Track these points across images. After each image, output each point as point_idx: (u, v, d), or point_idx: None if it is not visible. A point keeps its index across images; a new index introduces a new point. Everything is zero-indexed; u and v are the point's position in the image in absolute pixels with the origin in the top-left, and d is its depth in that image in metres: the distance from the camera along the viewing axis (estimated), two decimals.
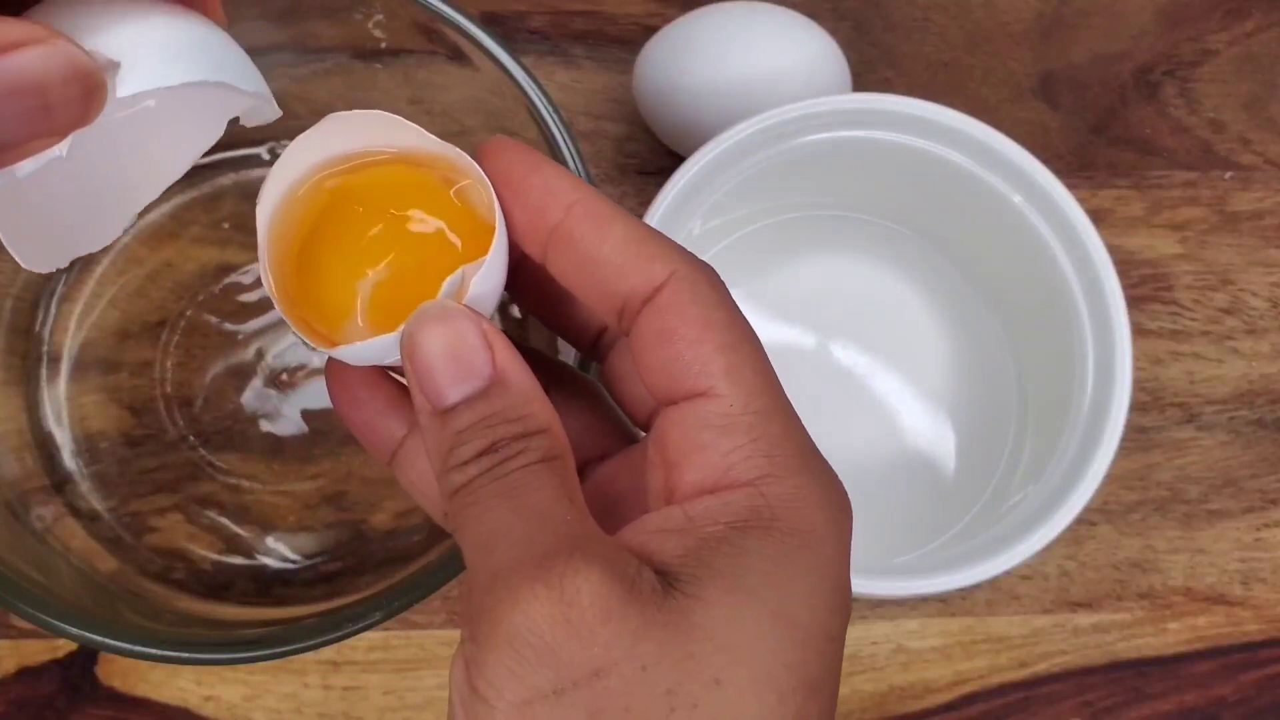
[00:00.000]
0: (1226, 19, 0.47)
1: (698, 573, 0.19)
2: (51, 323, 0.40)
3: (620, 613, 0.18)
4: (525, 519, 0.20)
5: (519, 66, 0.34)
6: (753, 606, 0.19)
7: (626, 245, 0.21)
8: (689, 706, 0.18)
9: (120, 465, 0.39)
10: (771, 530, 0.19)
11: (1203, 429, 0.43)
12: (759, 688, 0.18)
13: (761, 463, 0.20)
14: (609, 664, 0.18)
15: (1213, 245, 0.45)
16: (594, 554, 0.19)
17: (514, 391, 0.21)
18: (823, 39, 0.41)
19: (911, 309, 0.41)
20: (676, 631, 0.18)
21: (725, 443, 0.20)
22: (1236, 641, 0.41)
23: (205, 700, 0.39)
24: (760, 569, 0.19)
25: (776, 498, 0.20)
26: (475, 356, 0.21)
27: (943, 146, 0.38)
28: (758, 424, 0.20)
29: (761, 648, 0.19)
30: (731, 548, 0.19)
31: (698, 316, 0.21)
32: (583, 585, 0.18)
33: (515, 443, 0.20)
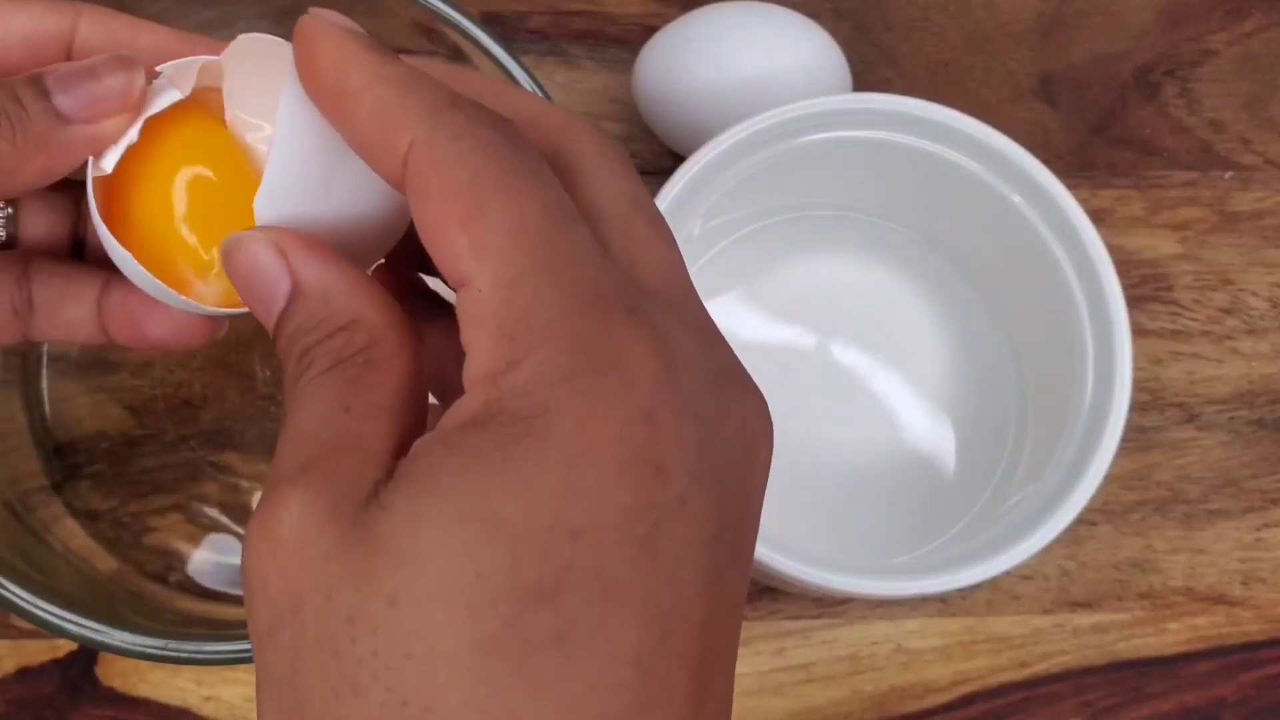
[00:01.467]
0: (1226, 19, 0.47)
1: (398, 481, 0.17)
2: None
3: (316, 536, 0.17)
4: (286, 445, 0.18)
5: (519, 66, 0.34)
6: (437, 509, 0.16)
7: (374, 121, 0.18)
8: (368, 631, 0.16)
9: (120, 465, 0.39)
10: (491, 423, 0.16)
11: (1203, 429, 0.43)
12: (441, 602, 0.16)
13: (504, 348, 0.17)
14: (300, 594, 0.16)
15: (1213, 245, 0.45)
16: (311, 474, 0.17)
17: (310, 296, 0.19)
18: (823, 39, 0.41)
19: (911, 309, 0.41)
20: (359, 548, 0.16)
21: (477, 334, 0.17)
22: (1236, 641, 0.41)
23: (205, 700, 0.39)
24: (455, 467, 0.16)
25: (510, 385, 0.17)
26: (269, 275, 0.19)
27: (942, 146, 0.38)
28: (505, 300, 0.17)
29: (443, 556, 0.16)
30: (441, 447, 0.17)
31: (438, 189, 0.17)
32: (283, 514, 0.17)
33: (311, 352, 0.19)
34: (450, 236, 0.17)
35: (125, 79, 0.22)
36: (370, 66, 0.18)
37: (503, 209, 0.17)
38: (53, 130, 0.22)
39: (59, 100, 0.22)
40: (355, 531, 0.16)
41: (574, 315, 0.17)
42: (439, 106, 0.18)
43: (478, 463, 0.16)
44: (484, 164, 0.17)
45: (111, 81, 0.22)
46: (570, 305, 0.17)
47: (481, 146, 0.17)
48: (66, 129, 0.22)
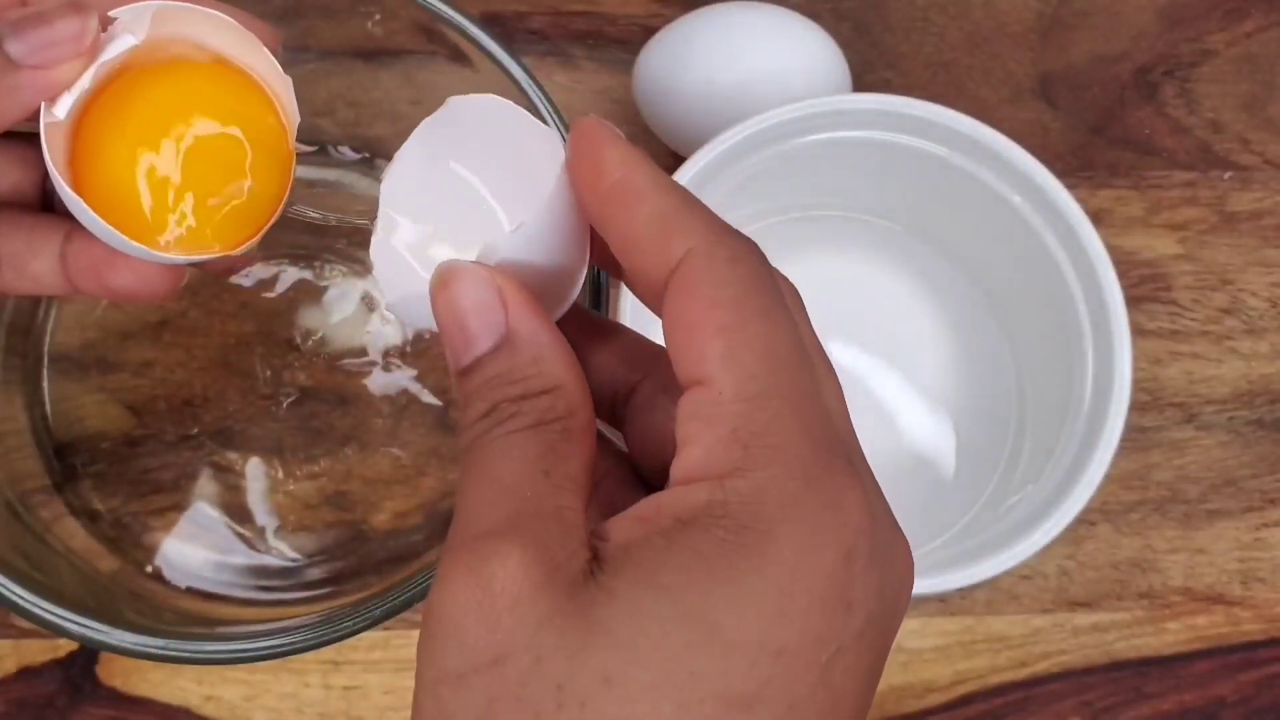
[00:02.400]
0: (1226, 19, 0.47)
1: (620, 564, 0.18)
2: (52, 323, 0.40)
3: (530, 599, 0.17)
4: (485, 491, 0.19)
5: (519, 67, 0.34)
6: (661, 605, 0.17)
7: (652, 223, 0.20)
8: (576, 704, 0.17)
9: (120, 465, 0.39)
10: (714, 527, 0.18)
11: (1202, 429, 0.43)
12: (654, 693, 0.17)
13: (736, 454, 0.18)
14: (509, 652, 0.17)
15: (1212, 245, 0.45)
16: (525, 535, 0.18)
17: (522, 350, 0.20)
18: (823, 39, 0.41)
19: (911, 309, 0.41)
20: (577, 622, 0.17)
21: (708, 434, 0.18)
22: (1236, 641, 0.41)
23: (206, 700, 0.39)
24: (681, 566, 0.17)
25: (736, 491, 0.18)
26: (486, 315, 0.20)
27: (942, 147, 0.38)
28: (743, 412, 0.18)
29: (662, 651, 0.17)
30: (664, 540, 0.18)
31: (705, 297, 0.19)
32: (498, 569, 0.17)
33: (511, 405, 0.19)
34: (704, 340, 0.19)
35: (79, 24, 0.22)
36: (654, 176, 0.20)
37: (760, 332, 0.19)
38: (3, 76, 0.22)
39: (10, 46, 0.22)
40: (570, 605, 0.17)
41: (805, 448, 0.18)
42: (719, 229, 0.20)
43: (700, 564, 0.17)
44: (751, 288, 0.19)
45: (64, 26, 0.22)
46: (803, 437, 0.18)
47: (751, 274, 0.19)
48: (17, 74, 0.22)
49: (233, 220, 0.24)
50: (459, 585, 0.18)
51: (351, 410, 0.40)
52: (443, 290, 0.20)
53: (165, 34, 0.24)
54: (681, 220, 0.20)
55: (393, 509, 0.39)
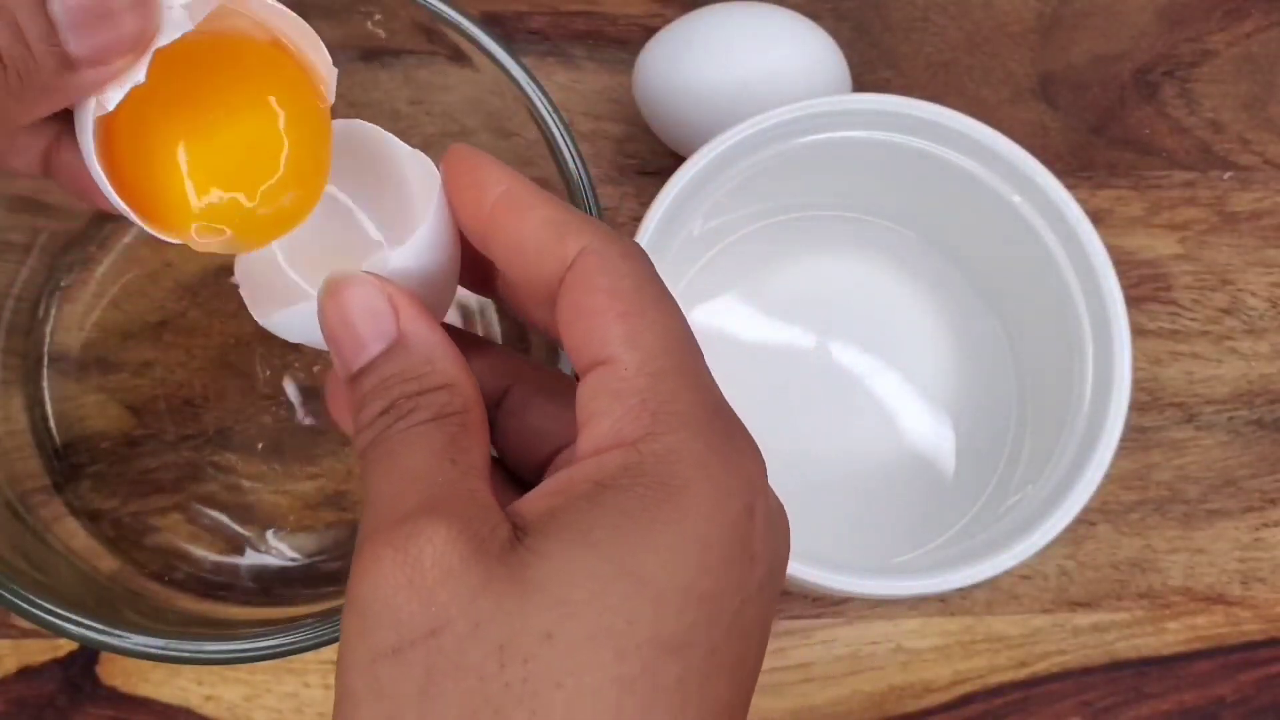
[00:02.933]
0: (1226, 19, 0.47)
1: (546, 527, 0.19)
2: (52, 323, 0.40)
3: (461, 570, 0.18)
4: (395, 480, 0.20)
5: (519, 67, 0.34)
6: (592, 560, 0.18)
7: (543, 229, 0.21)
8: (519, 660, 0.18)
9: (120, 465, 0.39)
10: (634, 487, 0.19)
11: (1202, 429, 0.43)
12: (593, 643, 0.18)
13: (646, 421, 0.20)
14: (445, 622, 0.18)
15: (1212, 245, 0.45)
16: (446, 513, 0.19)
17: (414, 351, 0.21)
18: (823, 39, 0.41)
19: (911, 309, 0.41)
20: (512, 585, 0.18)
21: (617, 406, 0.20)
22: (1236, 641, 0.41)
23: (206, 700, 0.39)
24: (609, 523, 0.19)
25: (651, 454, 0.19)
26: (378, 320, 0.21)
27: (942, 147, 0.38)
28: (649, 385, 0.20)
29: (598, 602, 0.18)
30: (588, 503, 0.19)
31: (604, 286, 0.21)
32: (425, 546, 0.18)
33: (409, 401, 0.20)
34: (606, 324, 0.20)
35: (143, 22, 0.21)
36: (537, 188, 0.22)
37: (658, 316, 0.21)
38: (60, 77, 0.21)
39: (70, 42, 0.20)
40: (502, 570, 0.18)
41: (705, 415, 0.20)
42: (606, 230, 0.21)
43: (626, 520, 0.19)
44: (645, 280, 0.21)
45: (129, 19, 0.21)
46: (703, 407, 0.20)
47: (643, 267, 0.21)
48: (75, 74, 0.21)
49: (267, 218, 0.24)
50: (386, 566, 0.18)
51: None
52: (333, 298, 0.21)
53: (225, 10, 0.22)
54: (572, 224, 0.21)
55: None
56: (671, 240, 0.37)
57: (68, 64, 0.20)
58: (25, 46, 0.20)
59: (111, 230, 0.41)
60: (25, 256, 0.39)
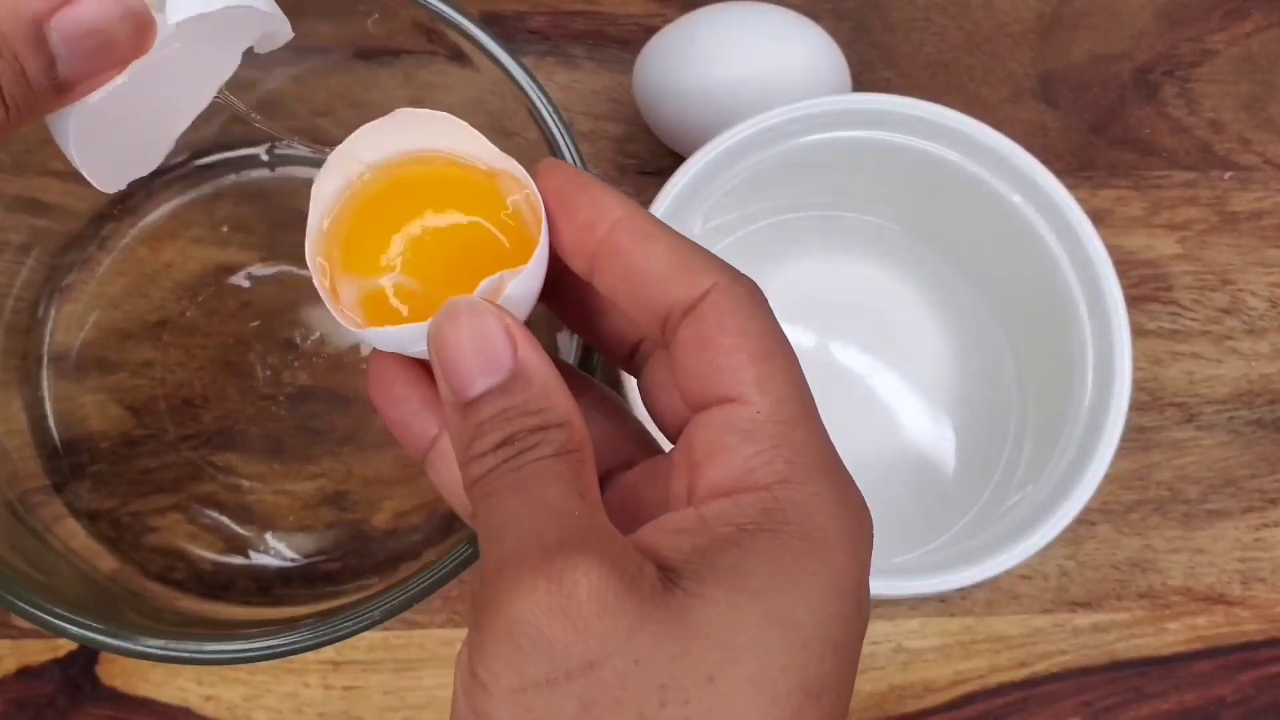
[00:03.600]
0: (1226, 19, 0.47)
1: (701, 571, 0.19)
2: (51, 323, 0.40)
3: (617, 607, 0.18)
4: (534, 511, 0.20)
5: (519, 67, 0.34)
6: (752, 607, 0.19)
7: (670, 258, 0.22)
8: (681, 702, 0.18)
9: (120, 465, 0.39)
10: (780, 534, 0.20)
11: (1202, 429, 0.43)
12: (752, 687, 0.18)
13: (780, 468, 0.20)
14: (603, 656, 0.18)
15: (1212, 245, 0.45)
16: (596, 548, 0.19)
17: (535, 385, 0.21)
18: (822, 39, 0.41)
19: (911, 309, 0.41)
20: (674, 627, 0.19)
21: (747, 447, 0.20)
22: (1236, 641, 0.41)
23: (206, 700, 0.39)
24: (764, 571, 0.19)
25: (789, 502, 0.20)
26: (497, 350, 0.21)
27: (942, 146, 0.38)
28: (781, 431, 0.21)
29: (758, 649, 0.19)
30: (738, 549, 0.19)
31: (735, 326, 0.21)
32: (581, 579, 0.18)
33: (532, 435, 0.20)
34: (737, 364, 0.21)
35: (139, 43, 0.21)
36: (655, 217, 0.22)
37: (786, 363, 0.21)
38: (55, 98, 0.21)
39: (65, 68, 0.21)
40: (661, 612, 0.19)
41: (832, 464, 0.21)
42: (730, 267, 0.22)
43: (778, 570, 0.19)
44: (771, 323, 0.22)
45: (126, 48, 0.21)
46: (828, 455, 0.21)
47: (768, 310, 0.22)
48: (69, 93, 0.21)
49: None
50: (540, 595, 0.18)
51: (351, 410, 0.40)
52: (452, 323, 0.21)
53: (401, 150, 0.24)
54: (700, 257, 0.22)
55: (393, 509, 0.39)
56: None
57: (63, 88, 0.21)
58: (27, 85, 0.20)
59: (111, 230, 0.41)
60: (25, 256, 0.39)
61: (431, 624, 0.39)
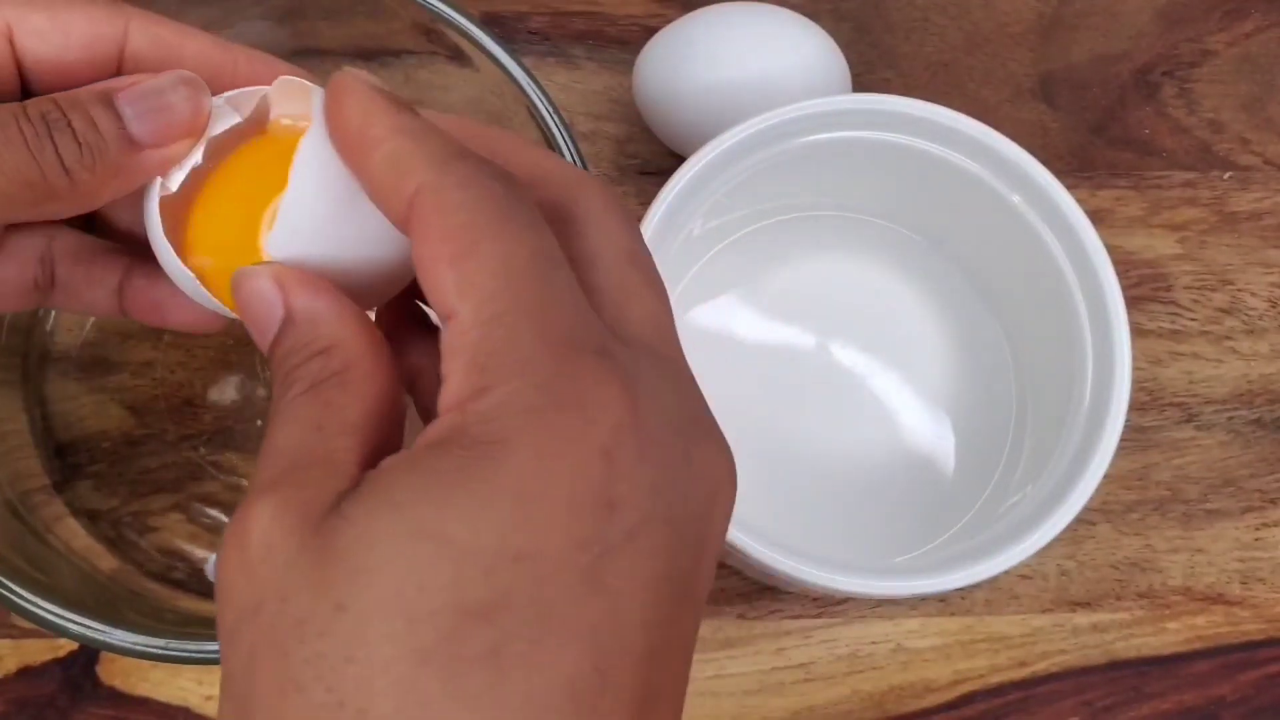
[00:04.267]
0: (1226, 20, 0.47)
1: (357, 494, 0.18)
2: (52, 323, 0.40)
3: (280, 544, 0.18)
4: (264, 462, 0.19)
5: (519, 67, 0.34)
6: (390, 524, 0.17)
7: (386, 167, 0.20)
8: (315, 635, 0.17)
9: (121, 465, 0.39)
10: (452, 446, 0.18)
11: (1202, 429, 0.43)
12: (383, 611, 0.17)
13: (475, 378, 0.18)
14: (262, 598, 0.18)
15: (1212, 245, 0.45)
16: (283, 487, 0.18)
17: (299, 324, 0.21)
18: (822, 39, 0.41)
19: (911, 309, 0.41)
20: (318, 557, 0.17)
21: (456, 364, 0.18)
22: (1235, 641, 0.41)
23: (206, 699, 0.39)
24: (413, 485, 0.18)
25: (475, 413, 0.18)
26: (268, 305, 0.21)
27: (942, 147, 0.38)
28: (482, 336, 0.18)
29: (390, 568, 0.17)
30: (405, 465, 0.18)
31: (438, 229, 0.19)
32: (253, 524, 0.18)
33: (292, 374, 0.20)
34: (441, 273, 0.19)
35: (195, 104, 0.23)
36: (390, 118, 0.20)
37: (492, 251, 0.19)
38: (127, 156, 0.23)
39: (134, 127, 0.23)
40: (315, 539, 0.18)
41: (543, 354, 0.18)
42: (447, 157, 0.19)
43: (434, 482, 0.17)
44: (481, 210, 0.19)
45: (183, 107, 0.23)
46: (541, 344, 0.18)
47: (482, 195, 0.19)
48: (140, 154, 0.23)
49: None
50: (225, 548, 0.18)
51: None
52: (236, 293, 0.21)
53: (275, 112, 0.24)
54: (411, 158, 0.19)
55: None
56: (671, 240, 0.37)
57: (133, 145, 0.23)
58: (98, 132, 0.23)
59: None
60: None
61: None
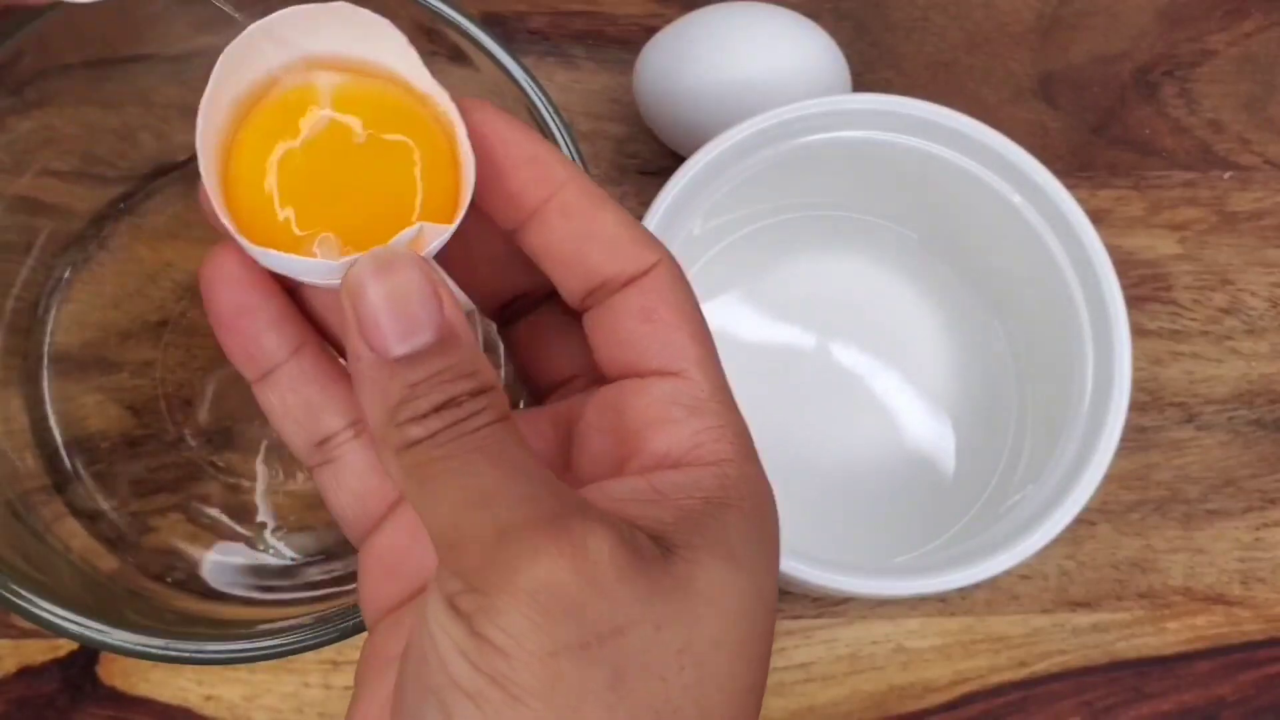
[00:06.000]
0: (1226, 19, 0.47)
1: (692, 540, 0.20)
2: (51, 323, 0.40)
3: (633, 573, 0.19)
4: (516, 478, 0.19)
5: (519, 67, 0.34)
6: (740, 577, 0.20)
7: (620, 229, 0.22)
8: (695, 665, 0.19)
9: (120, 465, 0.39)
10: (740, 509, 0.21)
11: (1202, 429, 0.43)
12: (743, 651, 0.20)
13: (725, 446, 0.21)
14: (629, 622, 0.19)
15: (1212, 245, 0.45)
16: (599, 515, 0.19)
17: (465, 347, 0.20)
18: (823, 39, 0.41)
19: (911, 309, 0.41)
20: (685, 595, 0.19)
21: (695, 422, 0.22)
22: (1236, 641, 0.41)
23: (206, 700, 0.39)
24: (741, 542, 0.21)
25: (740, 479, 0.21)
26: (425, 308, 0.20)
27: (943, 146, 0.38)
28: (723, 411, 0.22)
29: (746, 617, 0.20)
30: (715, 521, 0.20)
31: (677, 304, 0.22)
32: (601, 544, 0.19)
33: (473, 400, 0.20)
34: (682, 341, 0.22)
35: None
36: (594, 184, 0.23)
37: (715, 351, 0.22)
38: None
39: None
40: (668, 579, 0.19)
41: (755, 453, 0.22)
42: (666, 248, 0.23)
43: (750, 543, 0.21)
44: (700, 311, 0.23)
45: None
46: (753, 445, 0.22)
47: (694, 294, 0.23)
48: None
49: None
50: (565, 560, 0.19)
51: None
52: (375, 276, 0.20)
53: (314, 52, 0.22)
54: (644, 231, 0.23)
55: None
56: (671, 240, 0.37)
57: None
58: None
59: (111, 230, 0.41)
60: (25, 256, 0.39)
61: None
